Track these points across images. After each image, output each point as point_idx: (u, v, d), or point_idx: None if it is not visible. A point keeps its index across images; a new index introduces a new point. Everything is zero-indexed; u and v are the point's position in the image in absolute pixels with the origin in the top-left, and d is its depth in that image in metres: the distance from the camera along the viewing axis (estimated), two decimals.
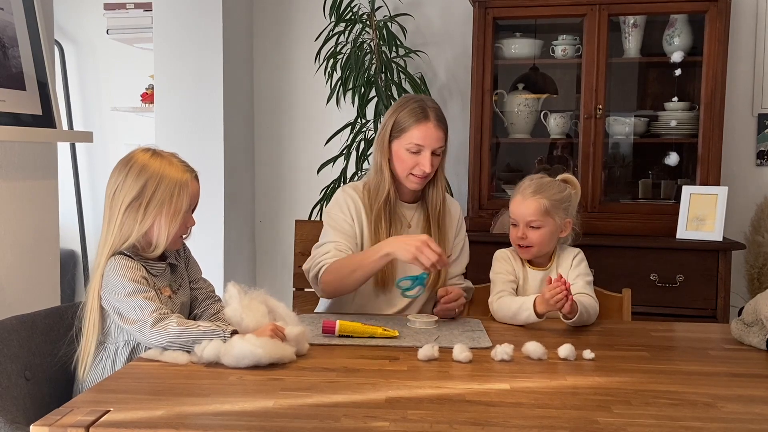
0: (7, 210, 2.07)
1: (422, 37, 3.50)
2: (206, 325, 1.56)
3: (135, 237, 1.64)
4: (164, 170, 1.66)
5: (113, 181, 1.67)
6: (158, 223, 1.65)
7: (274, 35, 3.64)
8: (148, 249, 1.68)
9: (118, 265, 1.61)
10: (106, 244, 1.66)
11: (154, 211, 1.64)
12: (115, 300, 1.59)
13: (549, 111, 3.23)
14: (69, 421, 1.15)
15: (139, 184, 1.64)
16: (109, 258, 1.64)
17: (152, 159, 1.67)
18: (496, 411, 1.24)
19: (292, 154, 3.66)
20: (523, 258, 2.08)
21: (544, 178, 2.08)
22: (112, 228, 1.65)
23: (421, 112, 2.05)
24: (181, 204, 1.67)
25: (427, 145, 2.04)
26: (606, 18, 2.99)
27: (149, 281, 1.64)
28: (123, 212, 1.64)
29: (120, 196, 1.64)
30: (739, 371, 1.53)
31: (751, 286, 3.11)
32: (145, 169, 1.65)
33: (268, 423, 1.17)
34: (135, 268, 1.62)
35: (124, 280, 1.59)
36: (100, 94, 4.01)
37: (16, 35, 2.08)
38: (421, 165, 2.04)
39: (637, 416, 1.23)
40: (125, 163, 1.67)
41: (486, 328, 1.86)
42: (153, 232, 1.66)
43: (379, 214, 2.09)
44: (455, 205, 2.26)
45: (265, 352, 1.47)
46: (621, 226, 3.02)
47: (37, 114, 2.12)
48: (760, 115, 3.27)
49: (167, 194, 1.65)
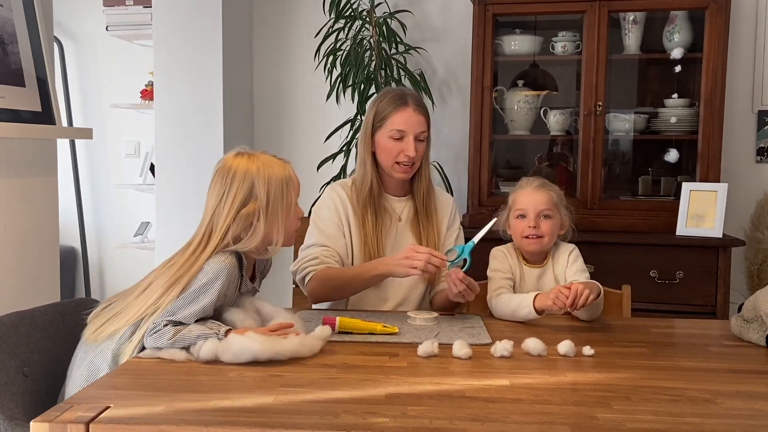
0: (7, 207, 2.07)
1: (422, 33, 3.50)
2: (199, 329, 1.53)
3: (260, 239, 1.65)
4: (268, 171, 1.67)
5: (219, 189, 1.66)
6: (280, 223, 1.67)
7: (273, 32, 3.64)
8: (264, 251, 1.69)
9: (222, 266, 1.59)
10: (209, 248, 1.63)
11: (275, 211, 1.66)
12: (193, 284, 1.58)
13: (549, 108, 3.22)
14: (69, 417, 1.15)
15: (245, 188, 1.65)
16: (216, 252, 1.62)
17: (250, 161, 1.68)
18: (495, 407, 1.24)
19: (291, 151, 3.66)
20: (532, 251, 2.06)
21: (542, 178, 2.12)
22: (216, 233, 1.64)
23: (400, 98, 2.07)
24: (291, 198, 1.70)
25: (409, 130, 2.05)
26: (606, 14, 2.99)
27: (228, 297, 1.63)
28: (232, 220, 1.64)
29: (227, 203, 1.64)
30: (739, 367, 1.53)
31: (751, 283, 3.11)
32: (248, 173, 1.66)
33: (267, 419, 1.17)
34: (232, 279, 1.61)
35: (214, 279, 1.57)
36: (99, 91, 4.01)
37: (16, 32, 2.08)
38: (405, 150, 2.05)
39: (636, 412, 1.23)
40: (225, 172, 1.67)
41: (486, 324, 1.86)
42: (273, 233, 1.67)
43: (365, 208, 2.10)
44: (447, 198, 2.26)
45: (263, 347, 1.47)
46: (621, 222, 3.02)
47: (37, 111, 2.12)
48: (760, 112, 3.26)
49: (280, 193, 1.67)
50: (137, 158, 4.00)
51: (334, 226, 2.11)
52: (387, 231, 2.12)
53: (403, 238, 2.14)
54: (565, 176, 3.23)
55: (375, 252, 2.08)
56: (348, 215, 2.11)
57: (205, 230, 1.66)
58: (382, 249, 2.10)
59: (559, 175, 3.25)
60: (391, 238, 2.13)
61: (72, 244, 4.02)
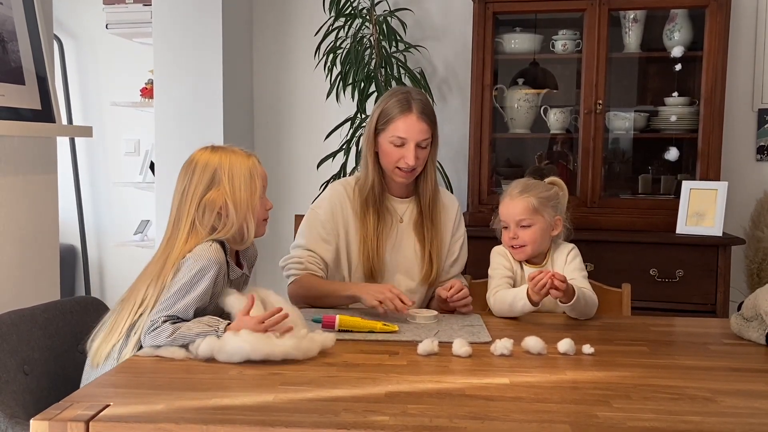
0: (7, 205, 2.07)
1: (422, 31, 3.49)
2: (198, 327, 1.53)
3: (236, 227, 1.66)
4: (230, 159, 1.69)
5: (181, 182, 1.69)
6: (248, 209, 1.68)
7: (273, 30, 3.63)
8: (240, 240, 1.70)
9: (211, 255, 1.60)
10: (170, 240, 1.66)
11: (241, 197, 1.66)
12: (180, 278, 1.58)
13: (549, 106, 3.22)
14: (69, 416, 1.15)
15: (207, 176, 1.66)
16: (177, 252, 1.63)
17: (214, 153, 1.70)
18: (495, 405, 1.24)
19: (291, 149, 3.66)
20: (518, 260, 2.08)
21: (529, 180, 2.11)
22: (181, 225, 1.66)
23: (405, 104, 2.03)
24: (255, 187, 1.70)
25: (411, 138, 2.02)
26: (606, 13, 2.98)
27: (219, 284, 1.63)
28: (195, 207, 1.65)
29: (190, 191, 1.66)
30: (739, 366, 1.53)
31: (751, 281, 3.11)
32: (210, 162, 1.68)
33: (268, 417, 1.17)
34: (220, 266, 1.61)
35: (202, 269, 1.58)
36: (99, 89, 4.01)
37: (15, 30, 2.08)
38: (406, 158, 2.02)
39: (636, 410, 1.23)
40: (188, 165, 1.70)
41: (485, 322, 1.86)
42: (243, 222, 1.68)
43: (366, 209, 2.09)
44: (452, 201, 2.23)
45: (253, 348, 1.46)
46: (621, 221, 3.02)
47: (37, 109, 2.12)
48: (760, 110, 3.26)
49: (244, 180, 1.68)
50: (137, 156, 4.00)
51: (326, 229, 2.10)
52: (387, 232, 2.11)
53: (404, 239, 2.13)
54: (565, 175, 3.23)
55: (374, 252, 2.07)
56: (346, 215, 2.10)
57: (173, 223, 1.68)
58: (382, 249, 2.08)
59: (559, 174, 3.24)
60: (391, 240, 2.11)
61: (72, 242, 4.02)
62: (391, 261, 2.09)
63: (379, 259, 2.06)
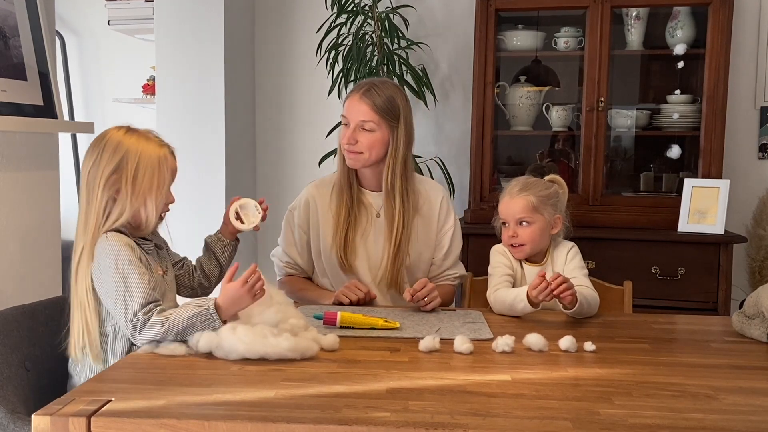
0: (9, 201, 2.07)
1: (424, 28, 3.49)
2: (188, 309, 1.51)
3: (127, 215, 1.62)
4: (142, 146, 1.65)
5: (88, 160, 1.64)
6: (147, 200, 1.64)
7: (275, 26, 3.63)
8: (138, 229, 1.68)
9: (112, 243, 1.57)
10: (88, 224, 1.62)
11: (141, 186, 1.63)
12: (108, 281, 1.55)
13: (551, 103, 3.22)
14: (70, 411, 1.15)
15: (116, 159, 1.62)
16: (97, 235, 1.61)
17: (127, 135, 1.66)
18: (497, 402, 1.24)
19: (293, 146, 3.66)
20: (517, 258, 2.07)
21: (529, 178, 2.11)
22: (93, 207, 1.62)
23: (357, 87, 2.07)
24: (163, 179, 1.66)
25: (351, 118, 2.04)
26: (609, 10, 2.98)
27: (142, 259, 1.62)
28: (102, 189, 1.61)
29: (97, 174, 1.62)
30: (740, 363, 1.53)
31: (753, 279, 3.11)
32: (121, 145, 1.64)
33: (269, 413, 1.17)
34: (129, 245, 1.59)
35: (117, 259, 1.56)
36: (101, 85, 4.00)
37: (17, 25, 2.08)
38: (346, 136, 2.04)
39: (638, 408, 1.23)
40: (99, 141, 1.66)
41: (487, 319, 1.86)
42: (141, 211, 1.65)
43: (340, 202, 2.10)
44: (436, 191, 2.18)
45: (247, 348, 1.45)
46: (622, 218, 3.01)
47: (39, 104, 2.12)
48: (762, 108, 3.26)
49: (150, 169, 1.64)
50: None
51: (299, 232, 2.16)
52: (363, 227, 2.10)
53: (381, 234, 2.11)
54: (567, 172, 3.23)
55: (342, 245, 2.07)
56: (318, 213, 2.14)
57: (84, 204, 1.63)
58: (351, 242, 2.08)
59: (560, 172, 3.24)
60: (365, 234, 2.10)
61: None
62: (362, 255, 2.10)
63: (348, 253, 2.08)
